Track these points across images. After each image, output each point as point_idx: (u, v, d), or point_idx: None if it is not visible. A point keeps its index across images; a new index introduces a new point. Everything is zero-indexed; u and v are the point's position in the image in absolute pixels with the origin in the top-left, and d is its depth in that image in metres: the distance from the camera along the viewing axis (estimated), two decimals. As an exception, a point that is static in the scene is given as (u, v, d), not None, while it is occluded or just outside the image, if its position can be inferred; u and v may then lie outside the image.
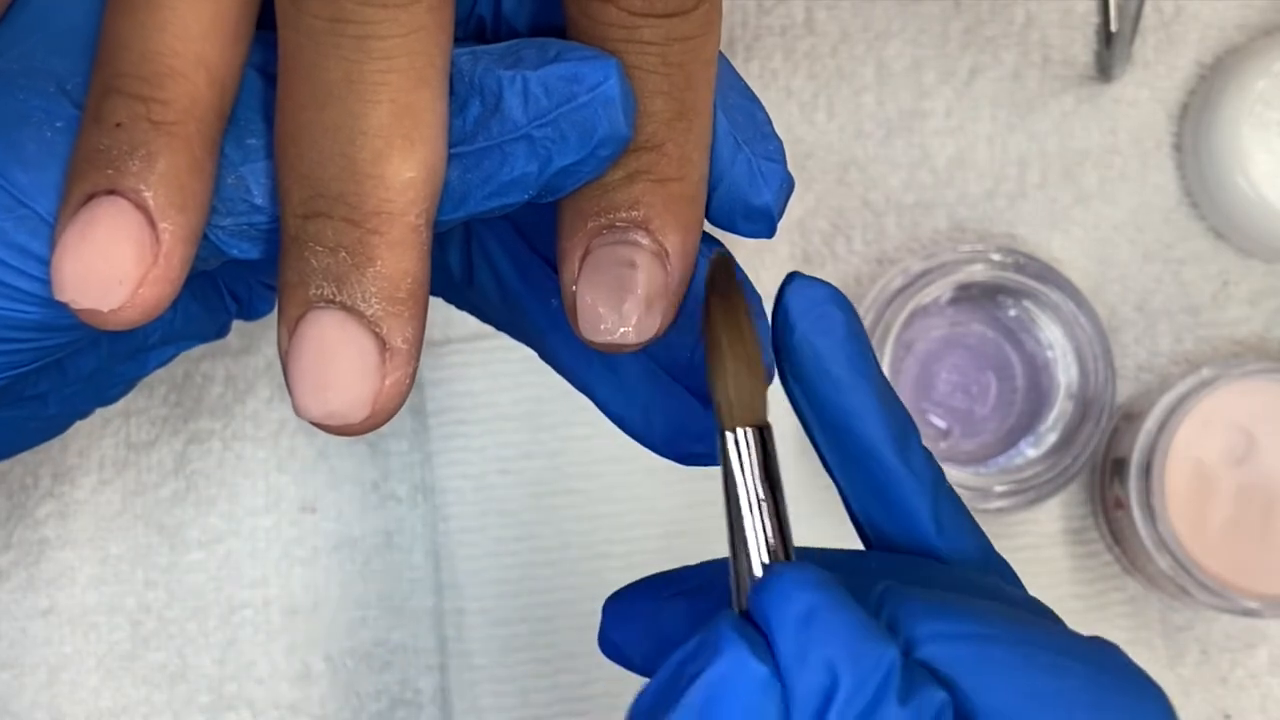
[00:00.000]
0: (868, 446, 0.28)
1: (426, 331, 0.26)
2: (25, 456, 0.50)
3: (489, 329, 0.51)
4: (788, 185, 0.28)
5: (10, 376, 0.27)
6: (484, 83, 0.25)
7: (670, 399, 0.29)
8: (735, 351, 0.26)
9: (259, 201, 0.25)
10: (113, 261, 0.24)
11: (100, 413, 0.51)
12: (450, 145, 0.25)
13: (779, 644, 0.23)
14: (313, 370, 0.24)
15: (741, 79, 0.28)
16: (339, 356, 0.24)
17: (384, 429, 0.50)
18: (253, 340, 0.51)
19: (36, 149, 0.25)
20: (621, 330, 0.26)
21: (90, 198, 0.24)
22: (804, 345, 0.27)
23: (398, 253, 0.24)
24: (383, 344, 0.25)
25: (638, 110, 0.26)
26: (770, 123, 0.28)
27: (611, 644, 0.30)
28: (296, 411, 0.25)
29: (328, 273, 0.24)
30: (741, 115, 0.27)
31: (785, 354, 0.27)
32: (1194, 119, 0.51)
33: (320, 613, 0.50)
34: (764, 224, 0.28)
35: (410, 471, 0.51)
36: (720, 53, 0.27)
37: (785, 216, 0.51)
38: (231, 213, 0.25)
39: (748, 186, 0.27)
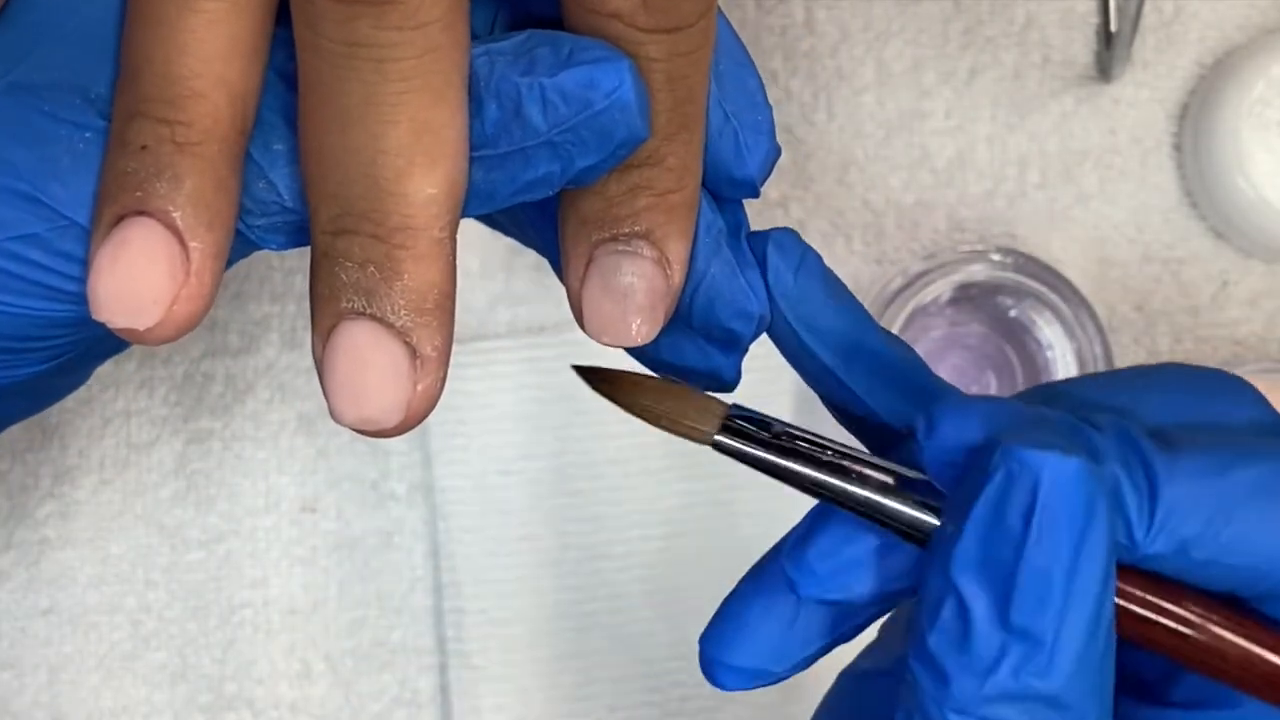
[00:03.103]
0: (876, 352, 0.30)
1: None
2: (26, 457, 0.50)
3: (489, 329, 0.51)
4: (773, 155, 0.28)
5: (54, 366, 0.29)
6: (501, 88, 0.25)
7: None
8: (662, 407, 0.28)
9: (290, 204, 0.26)
10: (146, 282, 0.25)
11: (100, 413, 0.51)
12: (472, 148, 0.26)
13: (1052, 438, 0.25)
14: (347, 379, 0.25)
15: (738, 40, 0.28)
16: (372, 365, 0.25)
17: (384, 429, 0.50)
18: (252, 340, 0.51)
19: (71, 161, 0.25)
20: (626, 335, 0.27)
21: (120, 219, 0.25)
22: (802, 288, 0.29)
23: (424, 266, 0.25)
24: (413, 352, 0.25)
25: None
26: (762, 90, 0.28)
27: (731, 671, 0.30)
28: (333, 417, 0.26)
29: (357, 286, 0.25)
30: (732, 83, 0.28)
31: (785, 297, 0.29)
32: (1193, 119, 0.51)
33: (320, 612, 0.51)
34: (747, 191, 0.29)
35: (410, 471, 0.51)
36: (719, 10, 0.27)
37: (786, 217, 0.51)
38: (265, 214, 0.26)
39: (732, 159, 0.28)
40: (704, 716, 0.51)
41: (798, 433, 0.28)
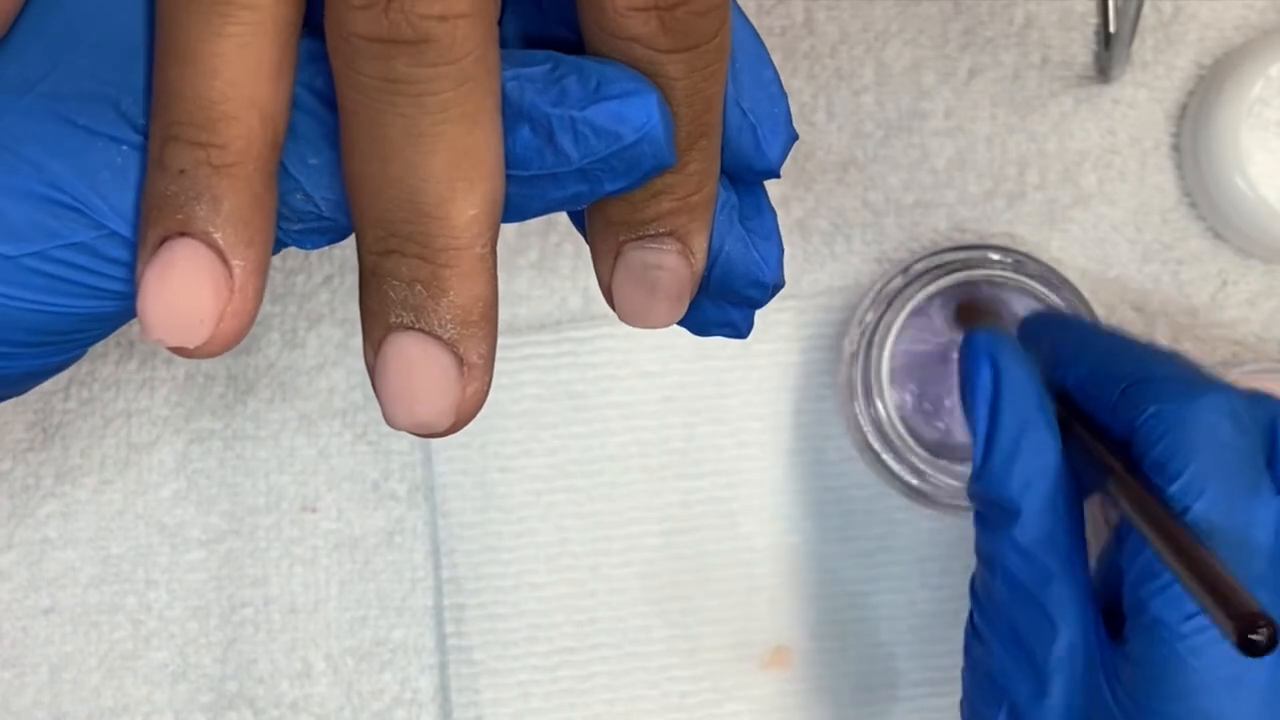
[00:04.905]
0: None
1: None
2: (27, 456, 0.51)
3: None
4: (790, 142, 0.29)
5: (86, 349, 0.30)
6: (533, 114, 0.26)
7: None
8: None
9: (326, 214, 0.27)
10: (193, 302, 0.26)
11: (102, 413, 0.51)
12: (506, 166, 0.27)
13: None
14: (399, 386, 0.26)
15: (753, 32, 0.29)
16: (421, 374, 0.26)
17: (385, 428, 0.51)
18: (254, 340, 0.51)
19: (110, 175, 0.26)
20: (654, 320, 0.29)
21: (164, 240, 0.26)
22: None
23: (468, 282, 0.26)
24: (460, 361, 0.26)
25: None
26: (778, 80, 0.29)
27: None
28: (387, 421, 0.27)
29: (406, 303, 0.26)
30: (749, 78, 0.29)
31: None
32: (1192, 119, 0.51)
33: (320, 612, 0.51)
34: (768, 177, 0.30)
35: (410, 470, 0.51)
36: (734, 4, 0.27)
37: (786, 216, 0.51)
38: (303, 220, 0.27)
39: (753, 153, 0.29)
40: (702, 712, 0.51)
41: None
